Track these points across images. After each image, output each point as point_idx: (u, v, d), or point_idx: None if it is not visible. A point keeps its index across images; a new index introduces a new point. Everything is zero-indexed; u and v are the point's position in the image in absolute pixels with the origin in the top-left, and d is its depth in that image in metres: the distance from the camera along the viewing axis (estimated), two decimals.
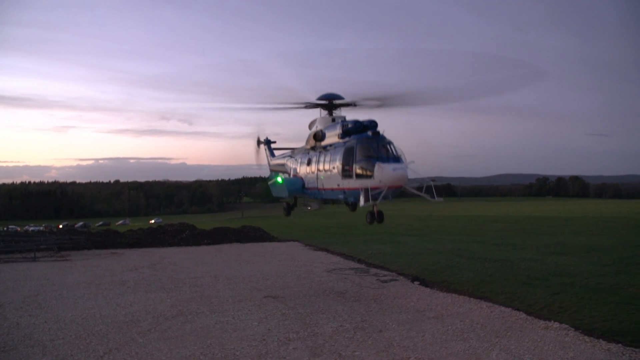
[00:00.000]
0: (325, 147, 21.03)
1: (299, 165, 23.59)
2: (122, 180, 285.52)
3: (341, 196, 19.90)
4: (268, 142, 29.31)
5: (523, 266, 28.22)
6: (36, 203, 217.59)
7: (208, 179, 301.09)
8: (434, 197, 18.19)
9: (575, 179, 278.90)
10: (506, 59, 22.04)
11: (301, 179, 22.88)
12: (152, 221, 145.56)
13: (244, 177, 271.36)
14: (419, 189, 18.55)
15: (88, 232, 50.91)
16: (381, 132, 18.48)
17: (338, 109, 22.07)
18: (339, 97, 21.61)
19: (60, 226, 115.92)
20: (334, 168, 19.74)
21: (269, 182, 26.03)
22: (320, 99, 21.68)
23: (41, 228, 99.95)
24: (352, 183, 18.41)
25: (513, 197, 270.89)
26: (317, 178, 21.22)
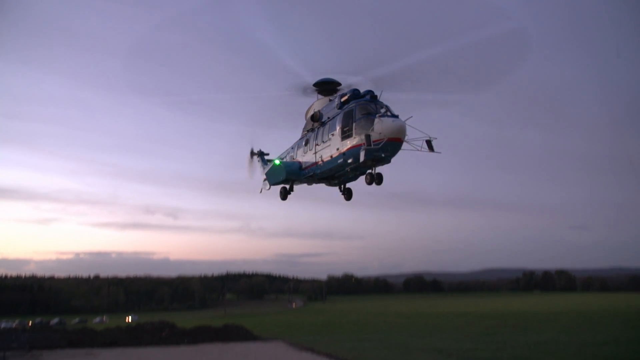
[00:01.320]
0: (323, 123, 21.58)
1: (295, 151, 23.86)
2: (102, 275, 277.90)
3: (341, 160, 19.66)
4: (262, 154, 29.27)
5: None
6: (11, 298, 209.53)
7: (191, 274, 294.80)
8: (433, 151, 18.37)
9: (561, 272, 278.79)
10: None
11: (298, 162, 23.13)
12: (129, 319, 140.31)
13: (227, 273, 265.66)
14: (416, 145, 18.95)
15: (63, 329, 48.90)
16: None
17: (335, 94, 22.64)
18: (336, 82, 21.97)
19: (31, 323, 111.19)
20: (333, 134, 20.18)
21: (266, 172, 25.30)
22: (317, 83, 22.17)
23: (13, 325, 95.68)
24: (353, 141, 18.67)
25: (500, 292, 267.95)
26: (315, 153, 21.51)
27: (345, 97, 20.42)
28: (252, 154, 29.37)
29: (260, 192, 27.71)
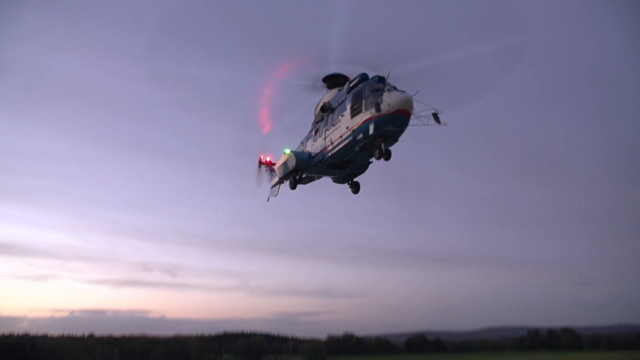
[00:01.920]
0: (333, 109, 21.79)
1: (305, 143, 24.36)
2: (97, 333, 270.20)
3: (350, 138, 19.80)
4: (269, 164, 30.32)
5: None
6: (2, 357, 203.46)
7: (188, 333, 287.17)
8: (439, 123, 18.81)
9: (567, 330, 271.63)
10: None
11: (308, 152, 23.51)
12: None
13: (225, 333, 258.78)
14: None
15: None
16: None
17: (342, 88, 22.63)
18: (344, 76, 22.72)
19: None
20: (343, 115, 20.27)
21: (277, 166, 25.69)
22: (326, 78, 23.01)
23: None
24: (362, 117, 18.83)
25: (505, 352, 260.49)
26: (325, 138, 21.67)
27: (355, 82, 21.06)
28: (260, 163, 30.16)
29: (267, 200, 28.34)
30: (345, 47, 21.54)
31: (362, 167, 23.49)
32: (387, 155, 18.84)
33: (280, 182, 27.47)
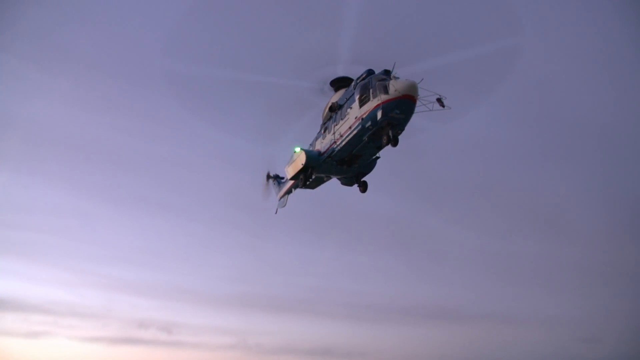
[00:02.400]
0: (341, 106, 22.36)
1: (314, 143, 24.86)
2: None
3: (359, 127, 20.24)
4: (277, 177, 31.14)
5: None
6: None
7: None
8: (443, 107, 19.19)
9: None
10: None
11: (317, 150, 23.96)
12: None
13: None
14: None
15: None
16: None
17: (349, 87, 23.25)
18: (351, 79, 23.27)
19: None
20: (351, 107, 20.84)
21: (287, 167, 25.95)
22: (333, 82, 23.81)
23: None
24: (370, 105, 19.38)
25: None
26: (334, 133, 22.21)
27: (362, 77, 21.64)
28: (268, 177, 31.12)
29: (276, 212, 29.11)
30: (351, 48, 22.56)
31: (370, 165, 24.20)
32: (394, 142, 19.41)
33: (289, 191, 28.41)
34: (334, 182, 26.18)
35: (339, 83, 24.12)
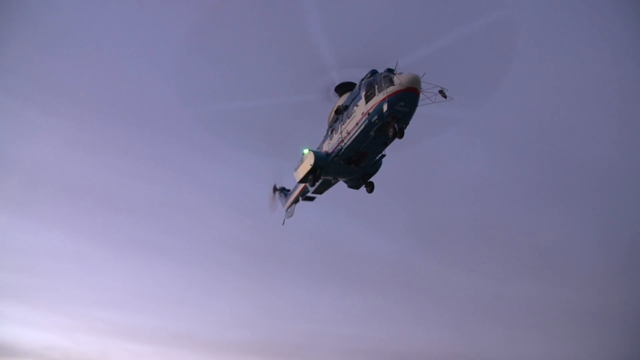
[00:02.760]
0: (347, 106, 23.22)
1: (321, 145, 25.64)
2: None
3: (366, 123, 21.00)
4: (283, 189, 31.93)
5: None
6: None
7: None
8: (445, 98, 20.07)
9: None
10: None
11: (325, 151, 24.69)
12: None
13: None
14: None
15: None
16: None
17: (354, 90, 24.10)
18: (355, 84, 24.15)
19: None
20: (358, 105, 21.73)
21: (295, 170, 26.36)
22: (338, 87, 24.81)
23: None
24: (376, 99, 20.22)
25: None
26: (341, 132, 23.02)
27: (366, 77, 22.49)
28: (275, 189, 31.58)
29: (283, 224, 29.43)
30: (345, 50, 24.08)
31: (376, 165, 25.31)
32: (400, 134, 20.40)
33: (296, 200, 29.44)
34: (332, 223, 26.81)
35: (344, 88, 25.15)
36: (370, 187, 25.32)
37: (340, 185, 26.71)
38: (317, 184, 26.29)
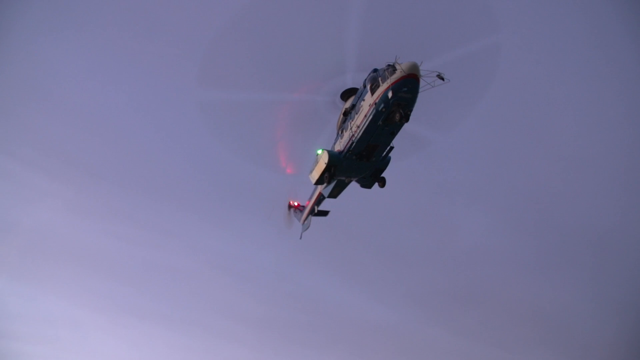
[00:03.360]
0: (354, 105, 24.62)
1: (332, 147, 26.74)
2: None
3: (374, 113, 22.27)
4: (298, 207, 33.52)
5: None
6: None
7: None
8: (443, 80, 21.42)
9: None
10: None
11: (337, 150, 25.82)
12: None
13: None
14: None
15: None
16: None
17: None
18: (357, 89, 25.40)
19: None
20: (364, 99, 23.06)
21: (310, 172, 27.12)
22: (343, 94, 26.21)
23: None
24: (382, 88, 21.62)
25: None
26: (351, 128, 24.19)
27: (369, 75, 23.93)
28: (290, 206, 32.31)
29: (300, 237, 30.16)
30: (356, 56, 25.26)
31: (385, 160, 26.47)
32: (406, 118, 21.76)
33: (312, 210, 30.60)
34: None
35: (349, 94, 26.45)
36: (382, 182, 26.49)
37: (340, 249, 27.20)
38: (332, 185, 27.47)
